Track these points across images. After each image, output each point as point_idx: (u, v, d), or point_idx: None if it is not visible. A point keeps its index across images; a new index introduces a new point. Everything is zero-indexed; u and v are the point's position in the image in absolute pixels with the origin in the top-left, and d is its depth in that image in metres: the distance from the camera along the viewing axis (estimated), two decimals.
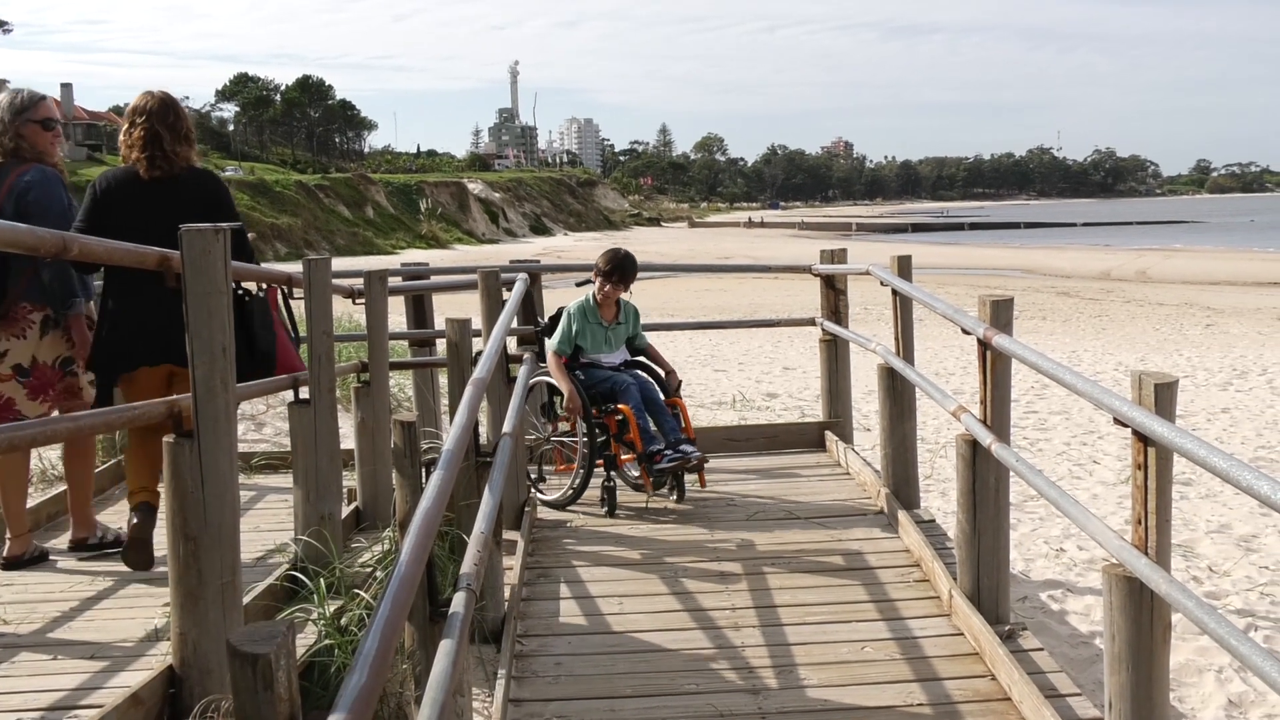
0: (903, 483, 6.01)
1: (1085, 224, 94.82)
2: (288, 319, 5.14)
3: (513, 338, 6.96)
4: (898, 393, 5.99)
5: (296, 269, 5.10)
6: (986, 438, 4.25)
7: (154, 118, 4.64)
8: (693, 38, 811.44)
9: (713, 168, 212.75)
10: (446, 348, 5.59)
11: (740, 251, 56.36)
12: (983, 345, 4.28)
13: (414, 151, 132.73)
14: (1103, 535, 3.24)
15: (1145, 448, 2.99)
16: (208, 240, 3.14)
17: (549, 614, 4.69)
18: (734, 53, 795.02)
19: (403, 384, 9.99)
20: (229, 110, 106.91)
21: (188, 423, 3.25)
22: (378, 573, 4.47)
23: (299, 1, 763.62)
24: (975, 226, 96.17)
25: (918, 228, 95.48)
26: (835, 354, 7.52)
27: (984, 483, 4.42)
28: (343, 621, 3.95)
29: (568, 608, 4.77)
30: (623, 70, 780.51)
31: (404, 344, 9.31)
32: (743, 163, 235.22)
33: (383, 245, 62.34)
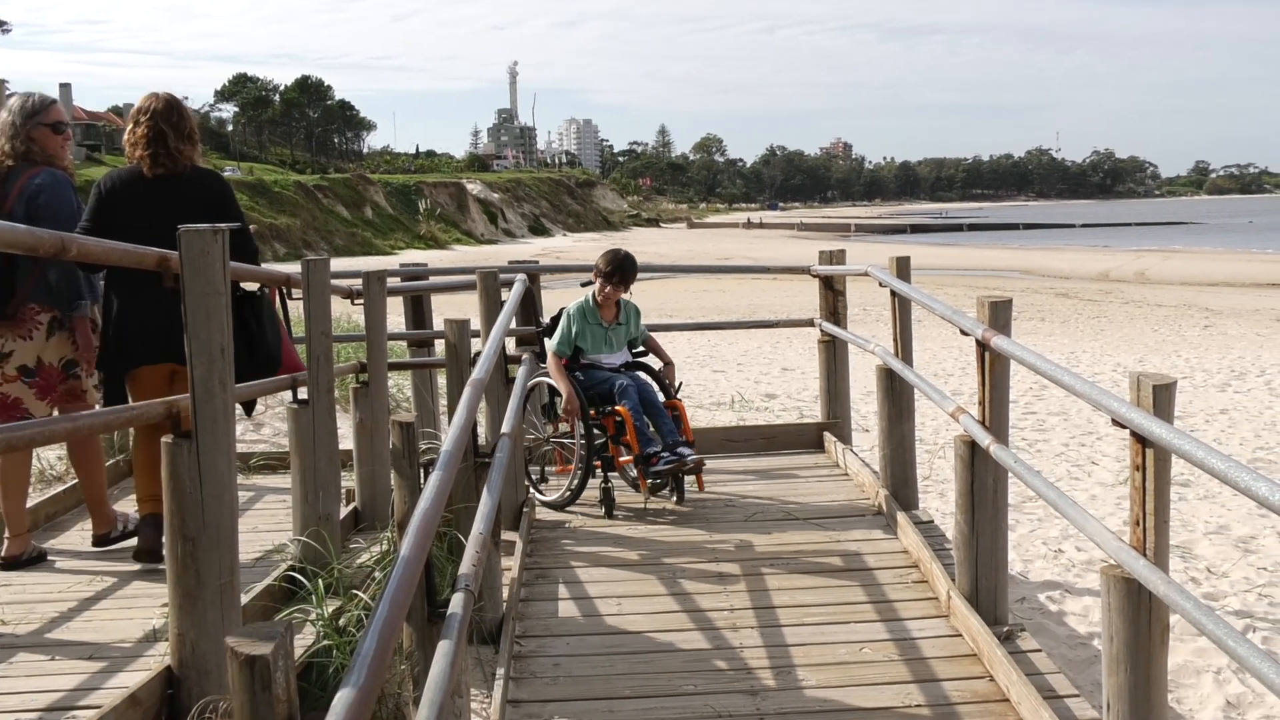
0: (901, 484, 6.01)
1: (1084, 225, 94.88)
2: (283, 320, 5.16)
3: (511, 338, 6.96)
4: (896, 394, 5.99)
5: (295, 269, 5.11)
6: (985, 439, 4.25)
7: (158, 117, 4.69)
8: (692, 38, 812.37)
9: (711, 168, 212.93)
10: (445, 348, 5.60)
11: (739, 252, 56.36)
12: (981, 346, 4.28)
13: (413, 152, 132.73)
14: (1101, 536, 3.24)
15: (1143, 449, 3.00)
16: (206, 241, 3.15)
17: (547, 615, 4.69)
18: (733, 53, 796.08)
19: (401, 385, 9.99)
20: (228, 110, 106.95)
21: (186, 423, 3.26)
22: (376, 573, 4.46)
23: (298, 2, 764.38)
24: (974, 227, 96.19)
25: (916, 229, 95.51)
26: (834, 355, 7.53)
27: (982, 484, 4.43)
28: (341, 622, 3.95)
29: (566, 609, 4.77)
30: (622, 71, 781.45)
31: (403, 345, 9.31)
32: (741, 163, 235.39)
33: (381, 246, 62.34)
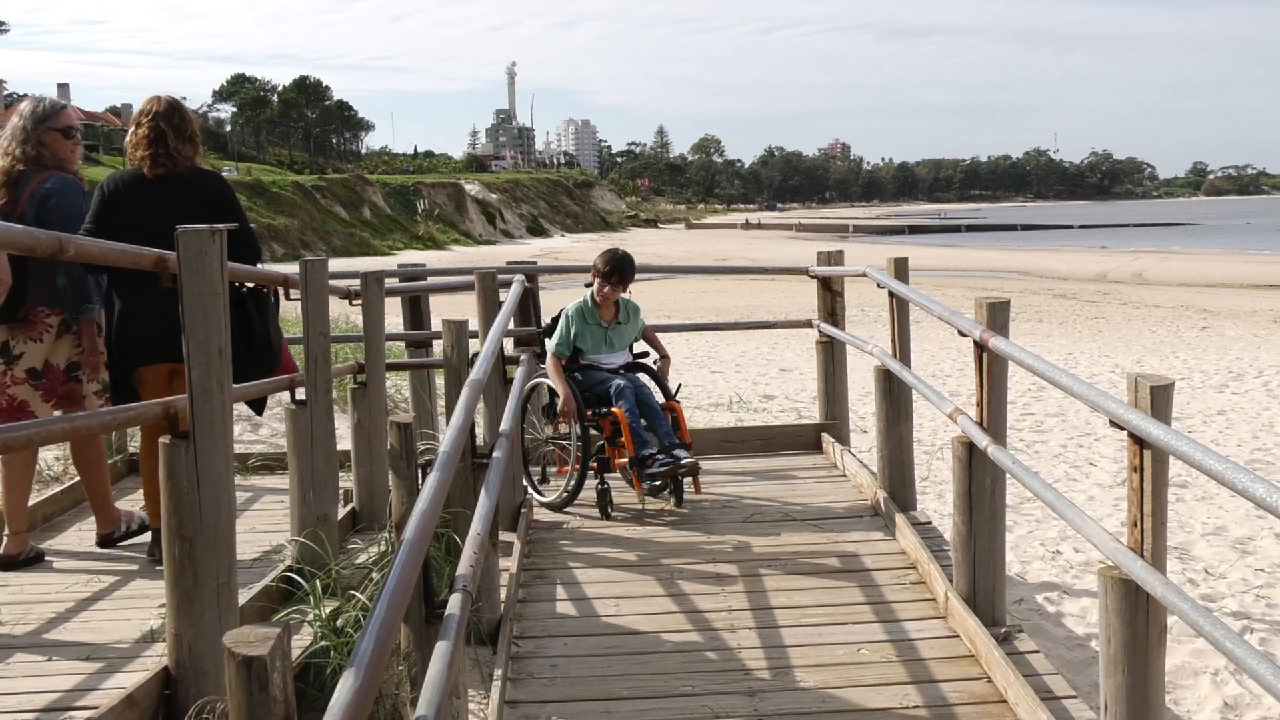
0: (899, 485, 6.01)
1: (1082, 226, 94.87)
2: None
3: (509, 339, 6.96)
4: (894, 395, 5.99)
5: (293, 270, 5.11)
6: (983, 440, 4.25)
7: (159, 118, 4.73)
8: (690, 39, 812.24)
9: (710, 169, 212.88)
10: (443, 349, 5.59)
11: (737, 253, 56.35)
12: (979, 347, 4.28)
13: (411, 152, 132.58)
14: (1099, 537, 3.24)
15: (1141, 450, 3.00)
16: (204, 241, 3.15)
17: (545, 615, 4.69)
18: (731, 54, 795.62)
19: (399, 385, 9.99)
20: (226, 111, 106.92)
21: (184, 423, 3.25)
22: (374, 574, 4.46)
23: (296, 2, 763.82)
24: (972, 228, 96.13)
25: (915, 229, 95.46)
26: (832, 356, 7.53)
27: (980, 485, 4.43)
28: (339, 623, 3.94)
29: (564, 609, 4.77)
30: (620, 71, 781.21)
31: (400, 345, 9.31)
32: (740, 164, 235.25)
33: (379, 246, 62.29)
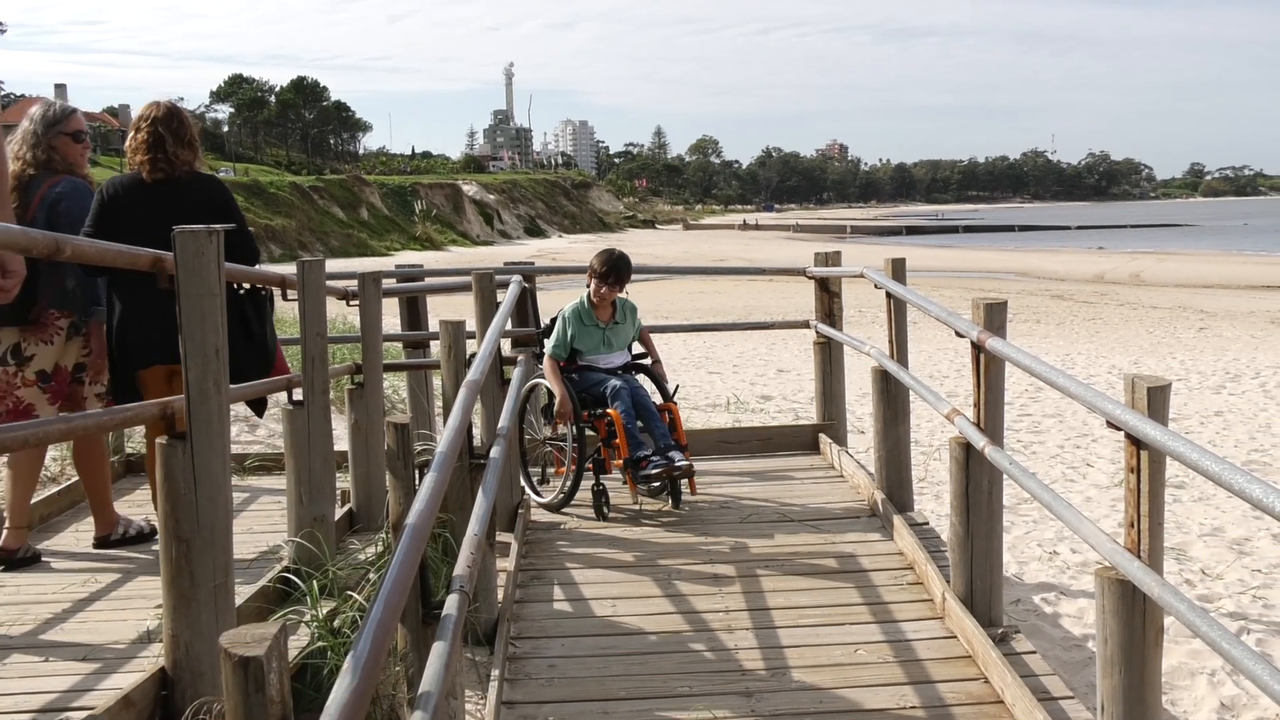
0: (896, 485, 6.01)
1: (1079, 227, 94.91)
2: None
3: (507, 340, 6.95)
4: (892, 395, 5.99)
5: (290, 270, 5.10)
6: (980, 441, 4.25)
7: (158, 123, 4.76)
8: (688, 40, 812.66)
9: (708, 170, 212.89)
10: (441, 350, 5.59)
11: (735, 254, 56.36)
12: (976, 348, 4.29)
13: (408, 153, 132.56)
14: (1096, 538, 3.24)
15: (1138, 451, 3.00)
16: (201, 242, 3.15)
17: (542, 616, 4.69)
18: (729, 55, 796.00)
19: (397, 386, 9.98)
20: (223, 111, 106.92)
21: (181, 424, 3.25)
22: (371, 575, 4.46)
23: (294, 2, 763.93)
24: (970, 229, 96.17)
25: (912, 230, 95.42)
26: (829, 357, 7.53)
27: (977, 485, 4.43)
28: (335, 623, 3.94)
29: (561, 610, 4.77)
30: (618, 72, 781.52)
31: (398, 346, 9.30)
32: (737, 165, 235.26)
33: (377, 247, 62.26)
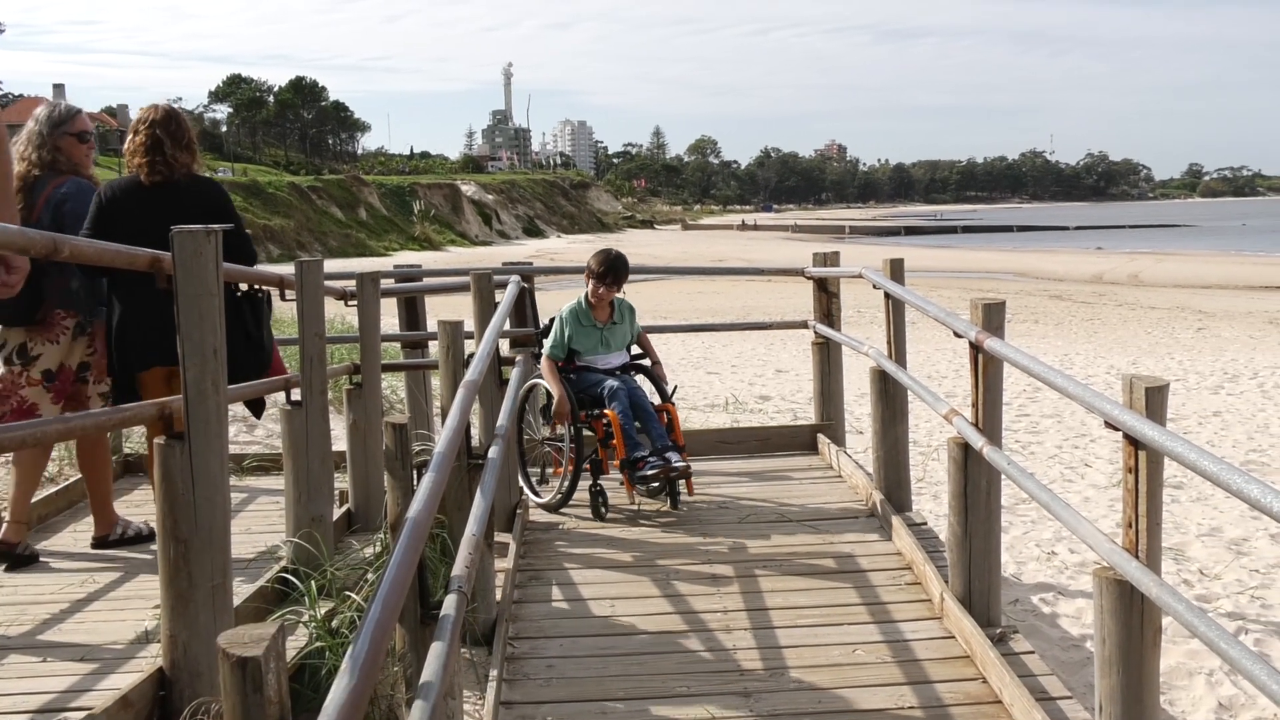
0: (895, 486, 6.01)
1: (1078, 227, 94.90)
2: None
3: (505, 340, 6.95)
4: (890, 396, 5.99)
5: (289, 270, 5.10)
6: (978, 441, 4.25)
7: (156, 126, 4.77)
8: (685, 40, 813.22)
9: (706, 170, 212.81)
10: (439, 350, 5.58)
11: (733, 254, 56.36)
12: (975, 348, 4.29)
13: (407, 153, 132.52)
14: (1094, 538, 3.24)
15: (1136, 451, 3.00)
16: (199, 242, 3.14)
17: (540, 616, 4.69)
18: (727, 55, 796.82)
19: (395, 386, 9.98)
20: (222, 111, 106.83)
21: (179, 424, 3.25)
22: (369, 575, 4.46)
23: (292, 3, 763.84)
24: (968, 229, 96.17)
25: (910, 230, 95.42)
26: (828, 357, 7.53)
27: (975, 486, 4.43)
28: (334, 624, 3.94)
29: (559, 610, 4.77)
30: (616, 72, 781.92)
31: (396, 346, 9.30)
32: (736, 165, 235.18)
33: (375, 247, 62.23)
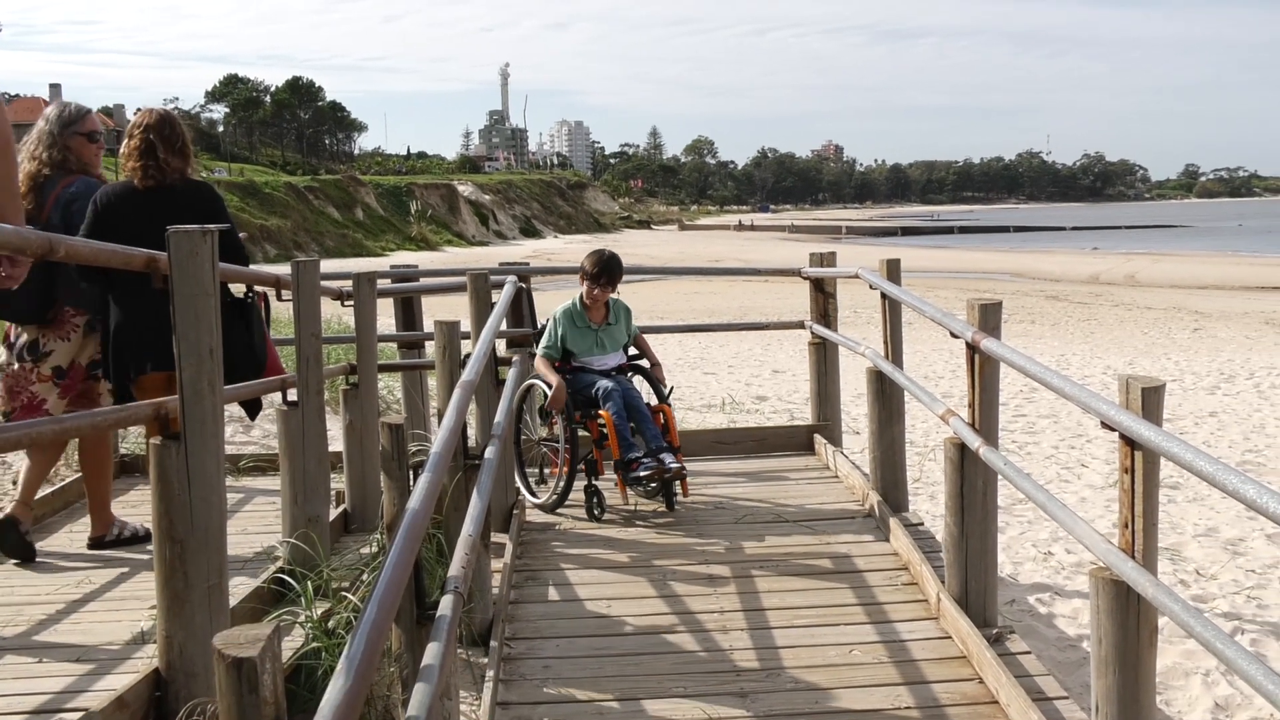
0: (891, 486, 6.01)
1: (1074, 228, 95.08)
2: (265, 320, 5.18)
3: (501, 340, 6.95)
4: (886, 396, 6.00)
5: (285, 271, 5.10)
6: (975, 441, 4.25)
7: (150, 130, 4.77)
8: (682, 40, 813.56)
9: (703, 170, 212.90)
10: (435, 350, 5.58)
11: (730, 254, 56.38)
12: (971, 349, 4.29)
13: (404, 153, 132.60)
14: (1090, 539, 3.25)
15: (1132, 451, 3.00)
16: (195, 242, 3.14)
17: (537, 617, 4.68)
18: (724, 55, 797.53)
19: (391, 386, 9.97)
20: (218, 111, 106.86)
21: (175, 425, 3.25)
22: (365, 575, 4.45)
23: (289, 2, 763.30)
24: (964, 230, 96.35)
25: (907, 231, 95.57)
26: (824, 357, 7.53)
27: (972, 486, 4.43)
28: (330, 624, 3.94)
29: (556, 610, 4.77)
30: (613, 72, 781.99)
31: (393, 346, 9.30)
32: (733, 166, 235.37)
33: (372, 247, 62.25)
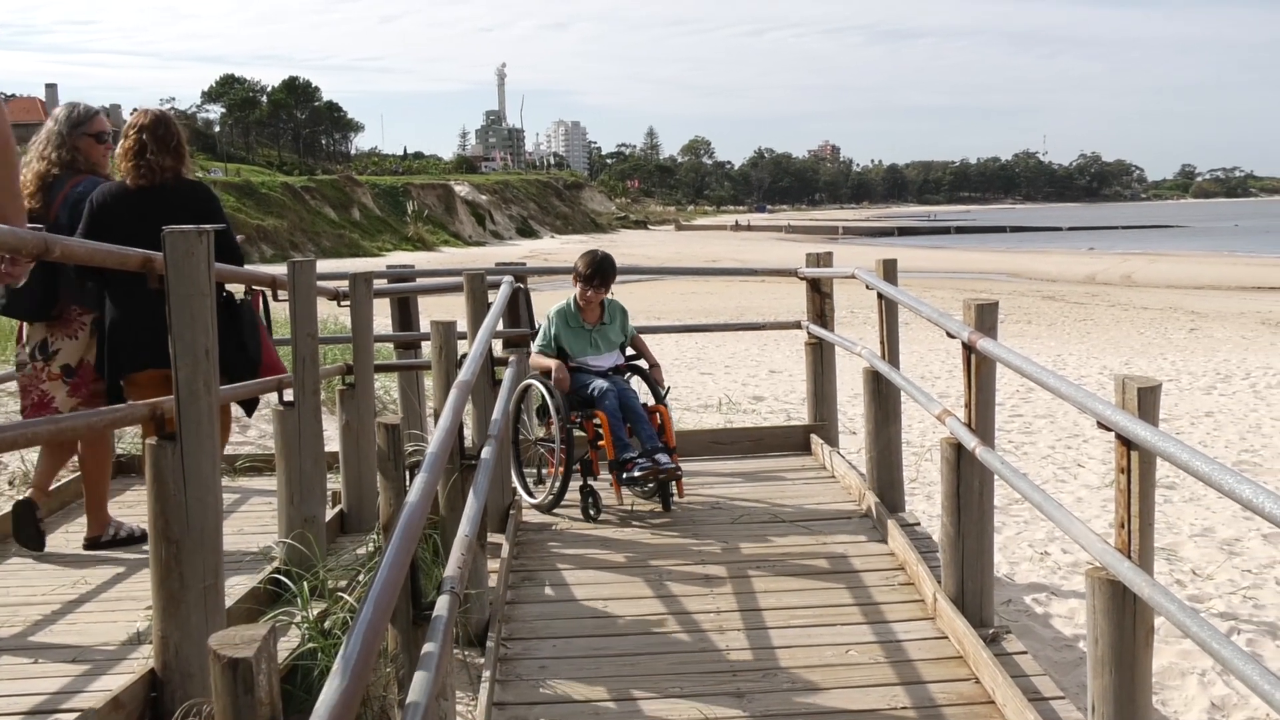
0: (888, 486, 6.02)
1: (1071, 228, 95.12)
2: (264, 321, 5.18)
3: (498, 340, 6.94)
4: (883, 396, 6.00)
5: (281, 271, 5.09)
6: (971, 441, 4.25)
7: (143, 130, 4.79)
8: (680, 40, 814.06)
9: (700, 171, 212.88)
10: (432, 350, 5.58)
11: (727, 254, 56.39)
12: (967, 349, 4.29)
13: (400, 154, 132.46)
14: (1086, 539, 3.25)
15: (1128, 451, 3.00)
16: (190, 242, 3.14)
17: (533, 617, 4.68)
18: (721, 56, 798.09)
19: (388, 386, 9.97)
20: (215, 112, 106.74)
21: (171, 425, 3.24)
22: (361, 576, 4.45)
23: (286, 3, 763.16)
24: (961, 230, 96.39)
25: (904, 231, 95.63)
26: (821, 357, 7.53)
27: (968, 486, 4.43)
28: (326, 625, 3.93)
29: (552, 611, 4.77)
30: (610, 73, 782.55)
31: (389, 347, 9.29)
32: (730, 166, 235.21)
33: (369, 247, 62.23)
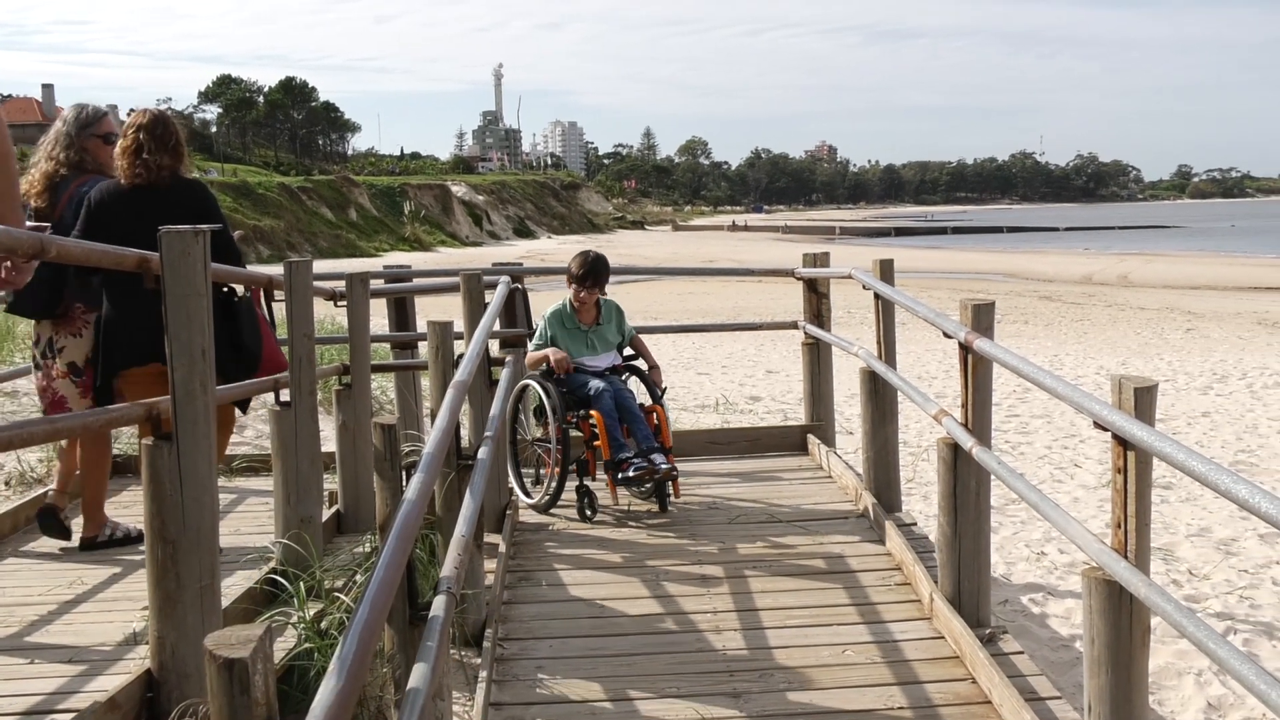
0: (884, 486, 6.02)
1: (1067, 228, 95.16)
2: (268, 319, 5.17)
3: (495, 340, 6.94)
4: (880, 396, 6.00)
5: (278, 271, 5.09)
6: (968, 441, 4.26)
7: (142, 129, 4.80)
8: (676, 40, 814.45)
9: (696, 171, 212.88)
10: (428, 351, 5.58)
11: (724, 255, 56.41)
12: (964, 349, 4.29)
13: (397, 154, 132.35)
14: (1083, 539, 3.25)
15: (1125, 451, 3.01)
16: (187, 242, 3.13)
17: (530, 617, 4.68)
18: (718, 56, 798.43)
19: (385, 387, 9.96)
20: (211, 112, 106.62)
21: (167, 425, 3.24)
22: (358, 576, 4.45)
23: (282, 3, 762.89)
24: (958, 230, 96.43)
25: (901, 231, 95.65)
26: (818, 357, 7.53)
27: (965, 486, 4.43)
28: (322, 625, 3.93)
29: (549, 611, 4.76)
30: (607, 73, 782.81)
31: (386, 347, 9.29)
32: (726, 166, 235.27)
33: (365, 247, 62.20)
